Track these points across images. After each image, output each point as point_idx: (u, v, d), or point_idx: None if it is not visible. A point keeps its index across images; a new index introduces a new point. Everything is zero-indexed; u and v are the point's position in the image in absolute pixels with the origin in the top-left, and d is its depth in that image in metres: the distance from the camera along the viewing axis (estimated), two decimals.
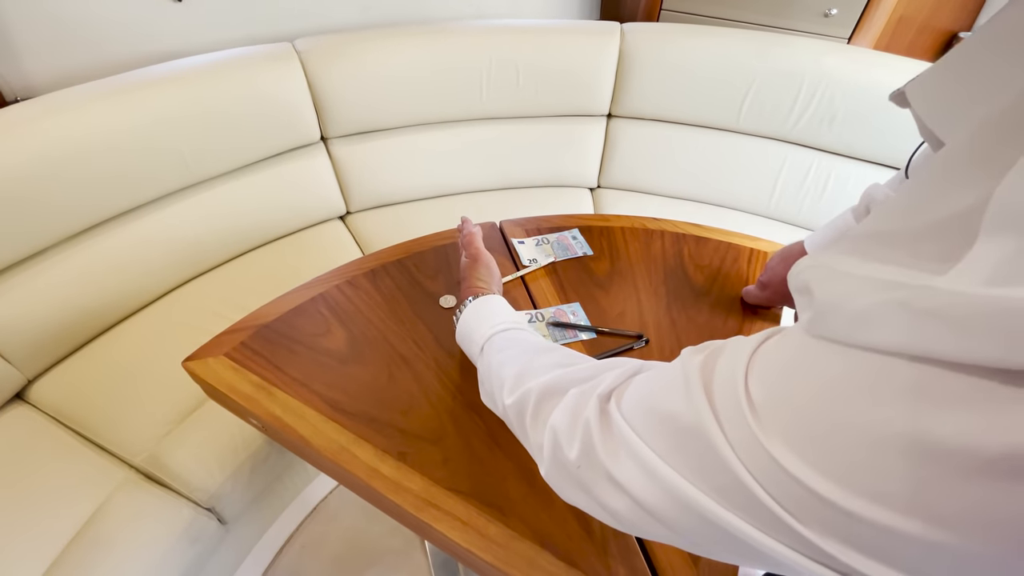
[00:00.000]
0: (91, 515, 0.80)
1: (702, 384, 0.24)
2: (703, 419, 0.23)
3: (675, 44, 1.37)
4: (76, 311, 0.99)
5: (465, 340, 0.54)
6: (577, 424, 0.31)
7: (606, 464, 0.28)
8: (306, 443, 0.57)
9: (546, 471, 0.34)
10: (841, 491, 0.18)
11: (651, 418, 0.27)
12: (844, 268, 0.20)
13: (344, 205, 1.41)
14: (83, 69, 1.08)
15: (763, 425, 0.20)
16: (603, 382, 0.32)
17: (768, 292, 0.72)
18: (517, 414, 0.39)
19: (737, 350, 0.24)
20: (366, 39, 1.26)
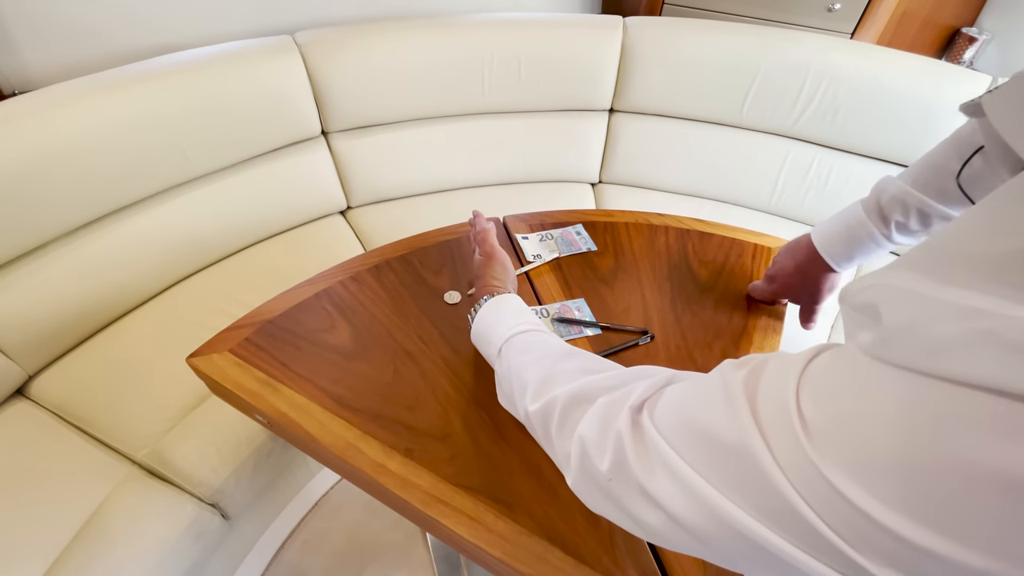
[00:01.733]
0: (94, 511, 0.79)
1: (746, 401, 0.23)
2: (748, 438, 0.22)
3: (678, 39, 1.36)
4: (77, 306, 0.98)
5: (481, 340, 0.53)
6: (608, 435, 0.30)
7: (640, 477, 0.27)
8: (312, 439, 0.57)
9: (573, 481, 0.34)
10: (910, 524, 0.17)
11: (688, 432, 0.26)
12: (917, 289, 0.18)
13: (345, 200, 1.40)
14: (82, 62, 1.07)
15: (818, 449, 0.20)
16: (634, 392, 0.31)
17: (775, 286, 0.72)
18: (542, 422, 0.38)
19: (784, 367, 0.23)
20: (367, 32, 1.25)
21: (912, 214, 0.54)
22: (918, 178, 0.54)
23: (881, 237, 0.57)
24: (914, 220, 0.54)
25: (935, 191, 0.52)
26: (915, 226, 0.54)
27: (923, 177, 0.53)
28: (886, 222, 0.56)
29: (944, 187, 0.51)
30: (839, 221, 0.61)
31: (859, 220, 0.58)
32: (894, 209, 0.55)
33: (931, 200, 0.52)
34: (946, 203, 0.52)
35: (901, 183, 0.55)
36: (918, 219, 0.54)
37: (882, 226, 0.56)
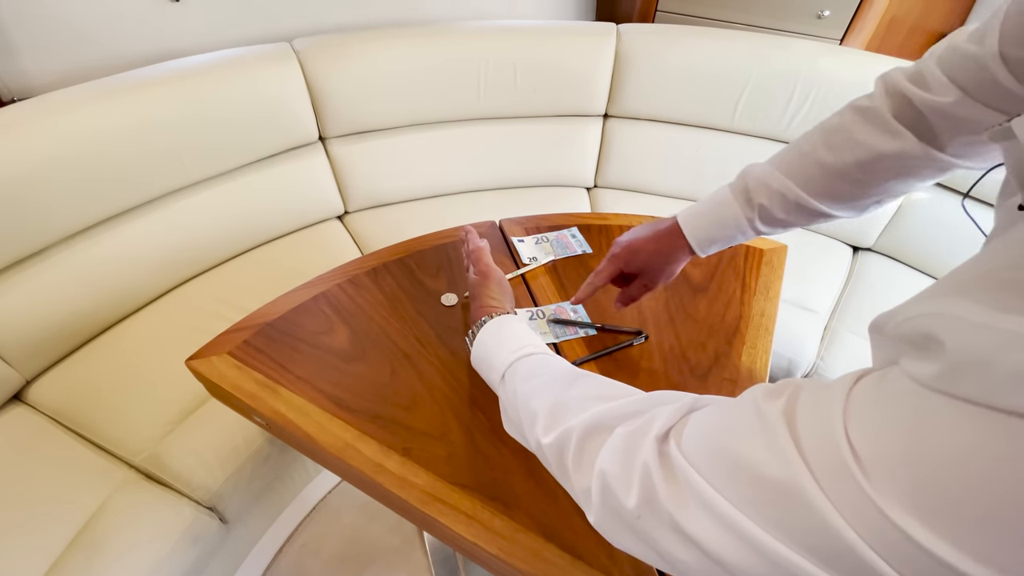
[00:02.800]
0: (91, 515, 0.79)
1: (788, 433, 0.22)
2: (796, 475, 0.21)
3: (671, 45, 1.38)
4: (74, 311, 0.99)
5: (483, 365, 0.51)
6: (633, 469, 0.28)
7: (672, 513, 0.26)
8: (311, 440, 0.58)
9: (596, 519, 0.32)
10: (982, 568, 0.16)
11: (723, 464, 0.25)
12: (978, 319, 0.18)
13: (342, 205, 1.41)
14: (81, 69, 1.08)
15: (877, 486, 0.19)
16: (656, 420, 0.30)
17: (620, 252, 0.62)
18: (557, 455, 0.36)
19: (823, 396, 0.22)
20: (364, 39, 1.26)
21: (776, 198, 0.52)
22: (783, 164, 0.52)
23: (745, 222, 0.54)
24: (778, 206, 0.52)
25: (801, 178, 0.51)
26: (779, 213, 0.53)
27: (790, 164, 0.52)
28: (752, 206, 0.53)
29: (810, 175, 0.51)
30: (706, 203, 0.57)
31: (727, 203, 0.55)
32: (759, 193, 0.53)
33: (796, 187, 0.51)
34: (811, 192, 0.51)
35: (769, 167, 0.53)
36: (781, 205, 0.52)
37: (748, 210, 0.54)
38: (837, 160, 0.49)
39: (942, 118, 0.44)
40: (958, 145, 0.45)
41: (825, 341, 1.16)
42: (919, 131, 0.45)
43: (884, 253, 1.40)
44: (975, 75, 0.40)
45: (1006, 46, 0.37)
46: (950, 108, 0.42)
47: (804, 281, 1.24)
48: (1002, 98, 0.40)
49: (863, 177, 0.49)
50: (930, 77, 0.44)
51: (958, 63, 0.42)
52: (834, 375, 1.11)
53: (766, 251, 0.88)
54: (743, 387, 0.66)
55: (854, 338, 1.16)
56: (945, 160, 0.45)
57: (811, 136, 0.52)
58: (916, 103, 0.44)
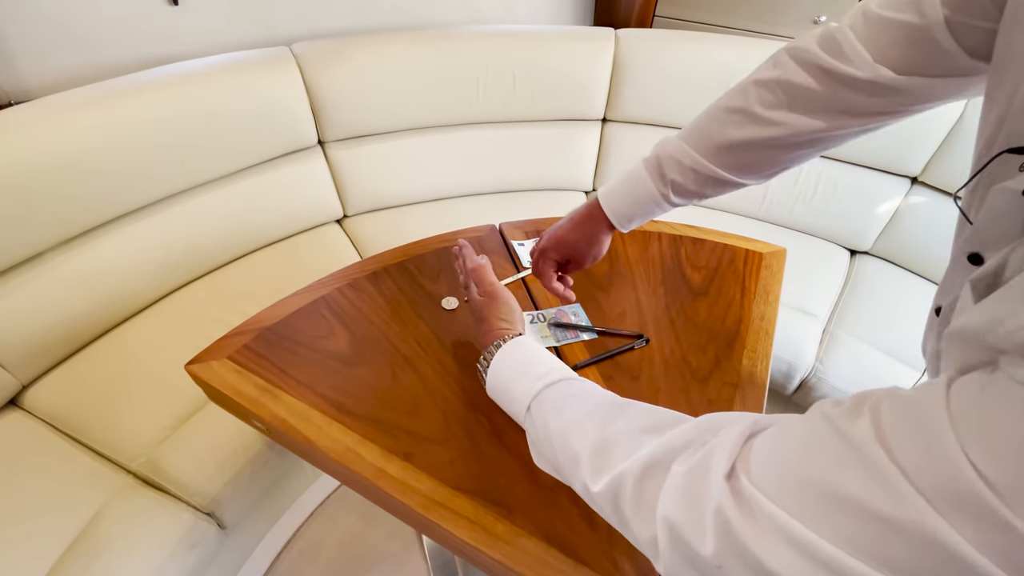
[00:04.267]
0: (88, 521, 0.79)
1: (886, 457, 0.20)
2: (913, 508, 0.19)
3: (668, 50, 1.39)
4: (71, 315, 0.98)
5: (502, 395, 0.48)
6: (703, 514, 0.26)
7: (759, 558, 0.23)
8: (312, 445, 0.57)
9: (667, 569, 0.29)
10: None
11: (811, 499, 0.22)
12: None
13: (341, 209, 1.41)
14: (79, 72, 1.07)
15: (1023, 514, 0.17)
16: (715, 453, 0.27)
17: (547, 243, 0.64)
18: (611, 503, 0.33)
19: (917, 410, 0.20)
20: (364, 43, 1.26)
21: (688, 174, 0.53)
22: (692, 139, 0.53)
23: (660, 197, 0.55)
24: (690, 180, 0.53)
25: (711, 153, 0.52)
26: (692, 186, 0.54)
27: (700, 140, 0.53)
28: (665, 182, 0.54)
29: (719, 149, 0.51)
30: (624, 181, 0.58)
31: (642, 180, 0.56)
32: (672, 169, 0.54)
33: (706, 162, 0.52)
34: (721, 166, 0.52)
35: (680, 142, 0.54)
36: (694, 179, 0.53)
37: (661, 186, 0.55)
38: (745, 136, 0.50)
39: (856, 90, 0.44)
40: (871, 114, 0.45)
41: (824, 344, 1.16)
42: (831, 104, 0.46)
43: (881, 257, 1.41)
44: (907, 45, 0.40)
45: (953, 13, 0.37)
46: (867, 81, 0.43)
47: (802, 285, 1.25)
48: (938, 64, 0.40)
49: (770, 151, 0.50)
50: (848, 48, 0.43)
51: (883, 33, 0.42)
52: (833, 378, 1.11)
53: (765, 255, 0.89)
54: (745, 391, 0.66)
55: (853, 341, 1.17)
56: (857, 130, 0.47)
57: (718, 113, 0.52)
58: (832, 73, 0.44)
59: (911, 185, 1.36)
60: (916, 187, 1.35)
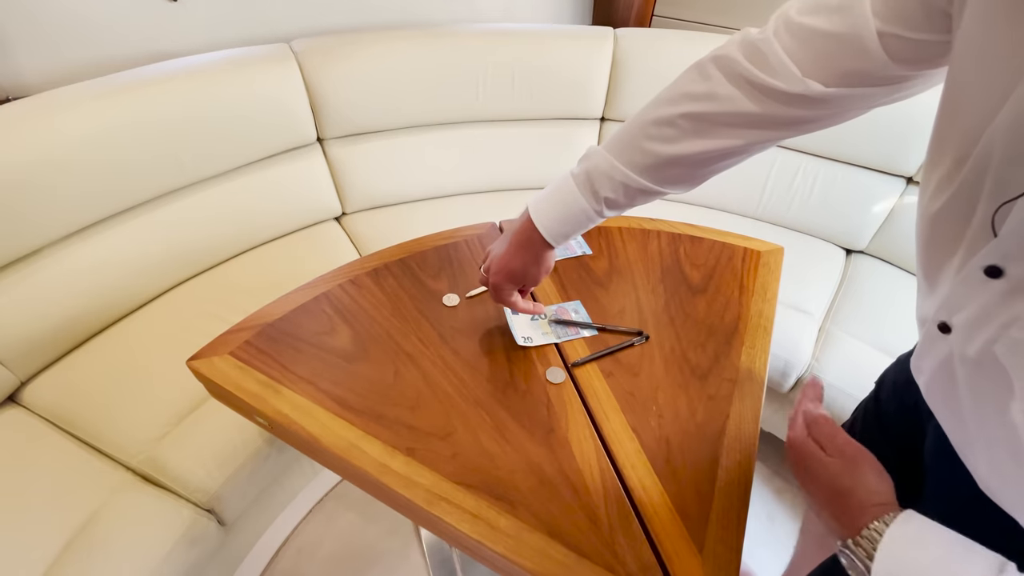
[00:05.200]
0: (88, 518, 0.79)
1: None
2: None
3: (667, 49, 1.39)
4: (70, 312, 0.98)
5: None
6: None
7: None
8: (315, 440, 0.57)
9: None
10: None
11: None
12: None
13: (340, 206, 1.41)
14: (77, 68, 1.07)
15: None
16: None
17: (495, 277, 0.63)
18: None
19: None
20: (363, 41, 1.26)
21: (619, 188, 0.54)
22: (622, 153, 0.53)
23: (594, 213, 0.56)
24: (621, 195, 0.54)
25: (640, 168, 0.52)
26: (622, 200, 0.55)
27: (630, 155, 0.53)
28: (598, 198, 0.55)
29: (648, 164, 0.52)
30: (556, 200, 0.58)
31: (574, 197, 0.56)
32: (604, 186, 0.54)
33: (636, 176, 0.52)
34: (652, 180, 0.52)
35: (609, 157, 0.54)
36: (624, 193, 0.54)
37: (594, 203, 0.55)
38: (674, 152, 0.50)
39: (785, 103, 0.44)
40: (799, 123, 0.45)
41: (820, 342, 1.18)
42: (759, 118, 0.46)
43: (877, 256, 1.43)
44: (835, 56, 0.40)
45: (885, 24, 0.36)
46: (796, 95, 0.42)
47: (798, 283, 1.26)
48: (867, 75, 0.39)
49: (698, 166, 0.51)
50: (773, 59, 0.43)
51: (809, 44, 0.41)
52: (829, 376, 1.12)
53: (763, 253, 0.89)
54: (743, 387, 0.67)
55: (848, 339, 1.18)
56: (786, 137, 0.47)
57: (647, 127, 0.52)
58: (759, 86, 0.44)
59: (906, 185, 1.37)
60: (911, 187, 1.37)
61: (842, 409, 1.11)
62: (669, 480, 0.57)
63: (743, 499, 0.55)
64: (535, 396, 0.64)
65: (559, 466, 0.57)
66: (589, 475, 0.56)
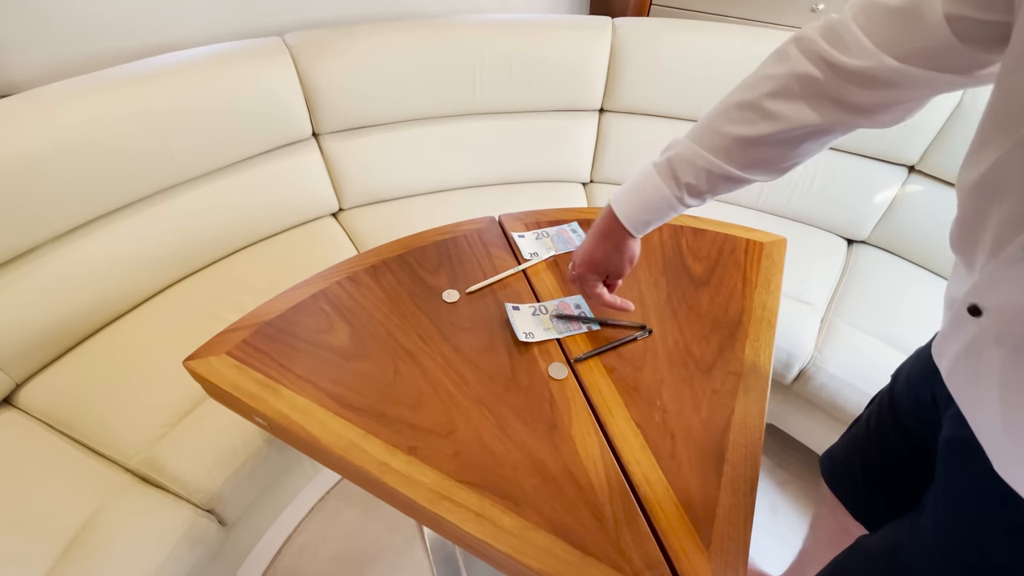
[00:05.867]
0: (87, 521, 0.78)
1: None
2: None
3: (666, 39, 1.38)
4: (65, 312, 0.97)
5: None
6: None
7: None
8: (315, 440, 0.57)
9: None
10: None
11: None
12: None
13: (336, 202, 1.39)
14: (67, 64, 1.05)
15: None
16: None
17: (580, 270, 0.66)
18: None
19: None
20: (358, 33, 1.24)
21: (701, 175, 0.54)
22: (703, 139, 0.54)
23: (675, 201, 0.56)
24: (704, 181, 0.54)
25: (722, 153, 0.53)
26: (705, 187, 0.55)
27: (711, 140, 0.53)
28: (679, 185, 0.56)
29: (730, 148, 0.52)
30: (637, 188, 0.59)
31: (654, 185, 0.57)
32: (686, 172, 0.55)
33: (719, 161, 0.53)
34: (733, 164, 0.53)
35: (691, 144, 0.54)
36: (707, 179, 0.54)
37: (676, 190, 0.56)
38: (756, 132, 0.50)
39: (858, 83, 0.44)
40: (875, 107, 0.46)
41: (822, 333, 1.17)
42: (834, 97, 0.46)
43: (878, 246, 1.42)
44: (907, 35, 0.40)
45: (950, 5, 0.37)
46: (869, 72, 0.43)
47: (800, 274, 1.25)
48: (938, 57, 0.40)
49: (781, 147, 0.51)
50: (849, 38, 0.44)
51: (883, 22, 0.42)
52: (832, 367, 1.11)
53: (766, 244, 0.88)
54: (748, 380, 0.66)
55: (851, 330, 1.17)
56: (858, 124, 0.47)
57: (728, 110, 0.52)
58: (834, 65, 0.45)
59: (908, 174, 1.36)
60: (913, 176, 1.36)
61: (845, 401, 1.10)
62: (674, 476, 0.56)
63: (750, 494, 0.55)
64: (537, 392, 0.63)
65: (563, 463, 0.56)
66: (593, 472, 0.56)
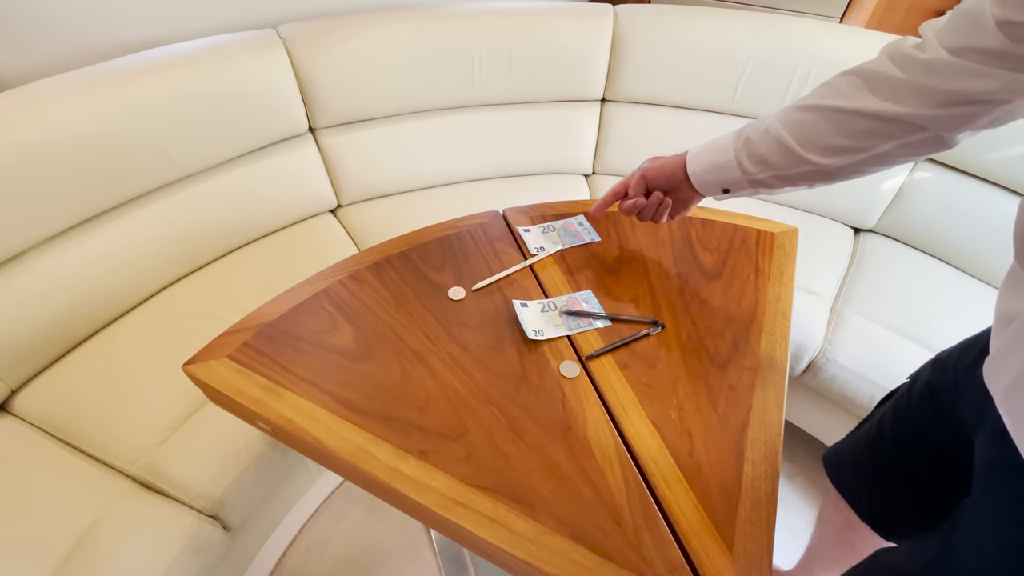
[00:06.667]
0: (87, 530, 0.76)
1: None
2: None
3: (668, 25, 1.35)
4: (59, 315, 0.94)
5: None
6: None
7: None
8: (321, 445, 0.55)
9: None
10: None
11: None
12: None
13: (335, 198, 1.37)
14: (56, 60, 1.02)
15: None
16: None
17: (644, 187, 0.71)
18: None
19: None
20: (354, 24, 1.21)
21: (767, 140, 0.57)
22: (779, 113, 0.57)
23: (733, 158, 0.60)
24: (768, 147, 0.57)
25: (784, 119, 0.56)
26: (764, 152, 0.58)
27: (782, 113, 0.57)
28: (740, 138, 0.60)
29: (795, 110, 0.56)
30: (714, 152, 0.63)
31: (728, 159, 0.61)
32: (754, 130, 0.59)
33: (781, 126, 0.56)
34: (801, 143, 0.55)
35: (768, 116, 0.58)
36: (775, 149, 0.57)
37: (737, 141, 0.60)
38: (830, 103, 0.52)
39: (925, 72, 0.46)
40: (937, 117, 0.47)
41: (832, 324, 1.15)
42: (906, 90, 0.47)
43: (886, 234, 1.40)
44: (961, 28, 0.43)
45: (1002, 10, 0.38)
46: (928, 62, 0.45)
47: (807, 264, 1.23)
48: (989, 55, 0.41)
49: (852, 133, 0.52)
50: (925, 37, 0.47)
51: (952, 24, 0.44)
52: (843, 359, 1.10)
53: (777, 235, 0.86)
54: (765, 375, 0.64)
55: (861, 320, 1.15)
56: (930, 120, 0.48)
57: (810, 95, 0.55)
58: (908, 56, 0.47)
59: (916, 161, 1.34)
60: (921, 163, 1.33)
61: (856, 392, 1.09)
62: (694, 476, 0.54)
63: (771, 493, 0.53)
64: (549, 392, 0.61)
65: (578, 464, 0.54)
66: (610, 473, 0.54)
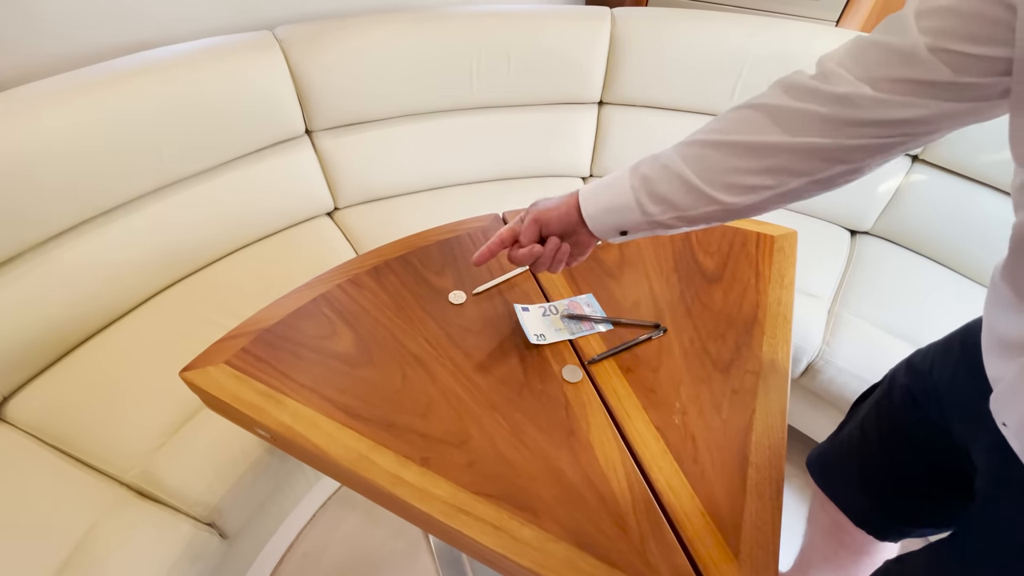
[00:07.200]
0: (81, 538, 0.74)
1: None
2: None
3: (666, 28, 1.35)
4: (52, 321, 0.93)
5: None
6: None
7: None
8: (322, 452, 0.54)
9: None
10: None
11: None
12: None
13: (332, 201, 1.36)
14: (48, 62, 1.00)
15: None
16: None
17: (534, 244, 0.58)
18: None
19: None
20: (351, 26, 1.20)
21: (661, 172, 0.50)
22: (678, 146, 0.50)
23: (631, 191, 0.51)
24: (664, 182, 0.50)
25: (681, 151, 0.49)
26: (663, 188, 0.50)
27: (681, 146, 0.50)
28: (636, 175, 0.51)
29: (689, 143, 0.49)
30: (604, 184, 0.54)
31: (619, 176, 0.52)
32: (648, 166, 0.51)
33: (677, 157, 0.49)
34: (690, 164, 0.49)
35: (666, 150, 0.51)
36: (667, 180, 0.50)
37: (635, 182, 0.51)
38: (726, 138, 0.47)
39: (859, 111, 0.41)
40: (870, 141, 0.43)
41: (830, 326, 1.15)
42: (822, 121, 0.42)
43: (882, 236, 1.40)
44: (893, 66, 0.39)
45: (935, 39, 0.36)
46: (863, 101, 0.40)
47: (804, 266, 1.22)
48: (926, 89, 0.38)
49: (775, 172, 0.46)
50: (828, 70, 0.42)
51: (868, 54, 0.40)
52: (841, 360, 1.10)
53: (777, 238, 0.87)
54: (767, 379, 0.64)
55: (858, 322, 1.16)
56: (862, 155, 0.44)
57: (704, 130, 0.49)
58: (817, 92, 0.42)
59: (912, 163, 1.35)
60: (917, 165, 1.34)
61: (854, 394, 1.09)
62: (698, 481, 0.54)
63: (776, 498, 0.53)
64: (552, 397, 0.61)
65: (582, 471, 0.54)
66: (615, 479, 0.53)
